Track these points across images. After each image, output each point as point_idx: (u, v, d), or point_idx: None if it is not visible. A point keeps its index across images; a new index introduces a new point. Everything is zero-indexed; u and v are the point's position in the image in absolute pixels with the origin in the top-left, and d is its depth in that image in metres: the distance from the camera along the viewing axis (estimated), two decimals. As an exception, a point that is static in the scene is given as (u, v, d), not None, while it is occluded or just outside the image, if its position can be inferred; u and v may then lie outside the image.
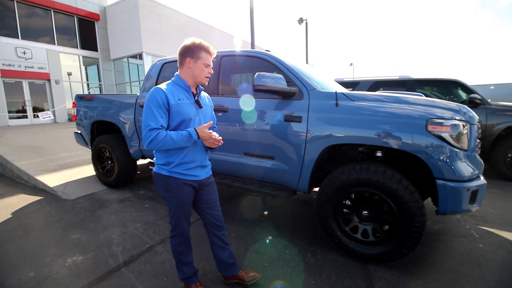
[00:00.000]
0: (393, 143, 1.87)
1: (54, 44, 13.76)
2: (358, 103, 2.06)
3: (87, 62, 16.01)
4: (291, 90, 2.22)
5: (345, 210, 2.13)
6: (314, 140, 2.15)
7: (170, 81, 1.57)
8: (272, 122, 2.35)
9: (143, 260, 2.10)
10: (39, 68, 12.88)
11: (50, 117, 9.67)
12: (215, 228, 1.71)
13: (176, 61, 3.45)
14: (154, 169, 1.56)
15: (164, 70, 3.40)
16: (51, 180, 3.93)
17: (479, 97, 4.32)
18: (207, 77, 1.55)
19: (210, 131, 1.50)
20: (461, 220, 2.79)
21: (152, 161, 3.63)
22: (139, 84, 16.65)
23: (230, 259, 1.75)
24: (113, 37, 16.16)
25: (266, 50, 2.68)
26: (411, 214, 1.81)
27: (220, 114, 2.59)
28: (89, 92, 15.69)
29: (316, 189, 2.43)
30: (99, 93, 16.21)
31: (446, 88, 5.17)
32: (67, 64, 14.57)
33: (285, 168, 2.33)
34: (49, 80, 13.36)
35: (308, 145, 2.17)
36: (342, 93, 2.15)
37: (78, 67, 15.31)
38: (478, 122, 2.04)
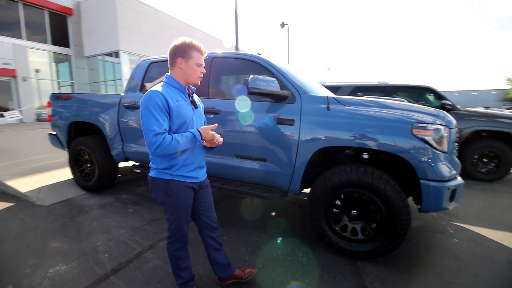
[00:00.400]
0: (382, 146, 1.98)
1: (22, 38, 12.83)
2: (348, 107, 2.15)
3: (58, 59, 15.11)
4: (284, 94, 2.27)
5: (335, 210, 2.21)
6: (306, 143, 2.20)
7: (162, 82, 1.51)
8: (264, 124, 2.38)
9: (133, 267, 2.03)
10: (4, 63, 11.94)
11: (17, 117, 8.95)
12: (210, 230, 1.70)
13: (163, 61, 3.39)
14: (152, 174, 1.51)
15: (150, 70, 3.31)
16: (23, 185, 3.66)
17: (450, 103, 4.67)
18: (199, 77, 1.52)
19: (213, 132, 1.49)
20: (437, 217, 3.00)
21: (136, 164, 3.51)
22: (115, 84, 15.99)
23: (225, 260, 1.75)
24: (87, 33, 15.40)
25: (257, 53, 2.71)
26: (397, 212, 1.92)
27: (211, 116, 2.58)
28: (59, 91, 14.78)
29: (306, 190, 2.49)
30: (71, 92, 15.33)
31: (420, 94, 5.52)
32: (35, 61, 13.63)
33: (277, 170, 2.37)
34: (15, 77, 12.42)
35: (300, 147, 2.22)
36: (333, 97, 2.23)
37: (48, 64, 14.38)
38: (455, 127, 2.21)
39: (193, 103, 1.55)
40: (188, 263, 1.65)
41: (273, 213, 2.80)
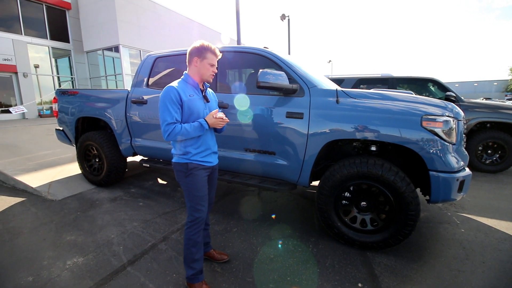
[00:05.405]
0: (392, 138, 2.00)
1: (21, 34, 12.74)
2: (357, 100, 2.17)
3: (58, 54, 15.00)
4: (293, 87, 2.28)
5: (344, 202, 2.24)
6: (315, 136, 2.23)
7: (180, 79, 1.70)
8: (273, 118, 2.40)
9: (148, 259, 2.08)
10: (5, 59, 11.88)
11: (22, 111, 9.02)
12: None
13: (169, 55, 3.39)
14: (174, 159, 1.70)
15: (156, 65, 3.31)
16: (32, 180, 3.70)
17: (454, 95, 4.67)
18: (211, 75, 1.71)
19: (218, 114, 1.66)
20: (443, 208, 3.04)
21: (144, 158, 3.55)
22: (115, 79, 15.92)
23: (206, 239, 2.00)
24: (86, 27, 15.25)
25: (264, 47, 2.71)
26: (407, 203, 1.96)
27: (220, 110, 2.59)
28: (59, 87, 14.74)
29: (314, 182, 2.53)
30: (71, 87, 15.30)
31: (423, 85, 5.50)
32: (34, 56, 13.55)
33: (287, 164, 2.40)
34: (16, 73, 12.38)
35: (310, 140, 2.25)
36: (342, 90, 2.24)
37: (47, 59, 14.29)
38: (463, 118, 2.22)
39: (205, 97, 1.74)
40: (202, 253, 1.74)
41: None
